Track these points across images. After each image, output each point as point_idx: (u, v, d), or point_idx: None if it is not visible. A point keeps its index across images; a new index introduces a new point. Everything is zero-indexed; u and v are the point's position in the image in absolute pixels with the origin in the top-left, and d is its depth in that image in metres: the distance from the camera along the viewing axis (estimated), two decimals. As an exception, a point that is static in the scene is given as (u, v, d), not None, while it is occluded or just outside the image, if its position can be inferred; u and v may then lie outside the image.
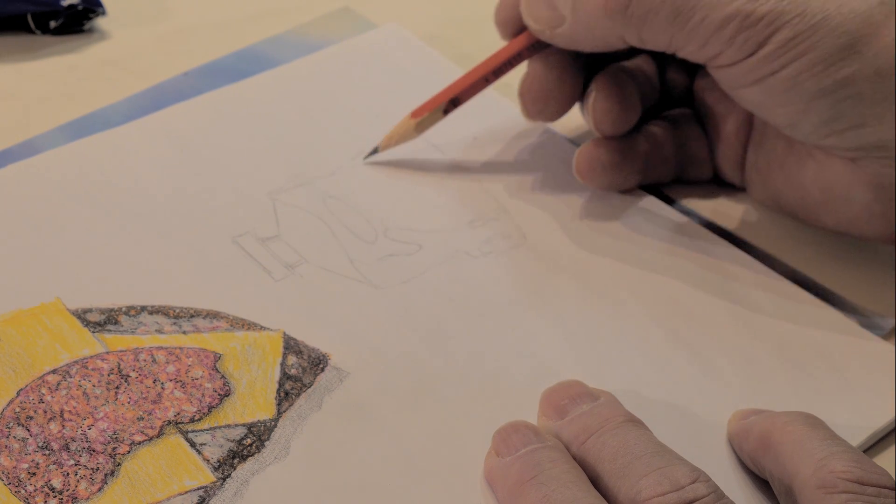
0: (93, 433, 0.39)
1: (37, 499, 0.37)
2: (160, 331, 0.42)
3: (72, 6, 0.55)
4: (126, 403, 0.40)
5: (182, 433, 0.39)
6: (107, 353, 0.41)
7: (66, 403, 0.39)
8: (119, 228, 0.46)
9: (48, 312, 0.42)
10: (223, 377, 0.41)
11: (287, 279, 0.45)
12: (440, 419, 0.41)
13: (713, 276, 0.48)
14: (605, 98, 0.49)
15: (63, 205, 0.46)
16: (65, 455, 0.38)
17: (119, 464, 0.38)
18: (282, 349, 0.42)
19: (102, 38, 0.57)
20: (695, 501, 0.35)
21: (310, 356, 0.42)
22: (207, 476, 0.38)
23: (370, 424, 0.40)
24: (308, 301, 0.44)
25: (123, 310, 0.43)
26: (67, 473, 0.38)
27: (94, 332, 0.42)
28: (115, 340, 0.42)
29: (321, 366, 0.42)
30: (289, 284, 0.45)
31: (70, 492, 0.37)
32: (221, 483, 0.38)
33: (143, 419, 0.39)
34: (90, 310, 0.43)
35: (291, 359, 0.42)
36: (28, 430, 0.38)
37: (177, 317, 0.43)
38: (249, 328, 0.43)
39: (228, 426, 0.40)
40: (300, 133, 0.52)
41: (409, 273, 0.46)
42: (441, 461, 0.40)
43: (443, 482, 0.39)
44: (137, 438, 0.39)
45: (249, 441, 0.39)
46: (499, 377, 0.43)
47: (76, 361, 0.41)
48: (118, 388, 0.40)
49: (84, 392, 0.40)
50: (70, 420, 0.39)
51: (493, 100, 0.54)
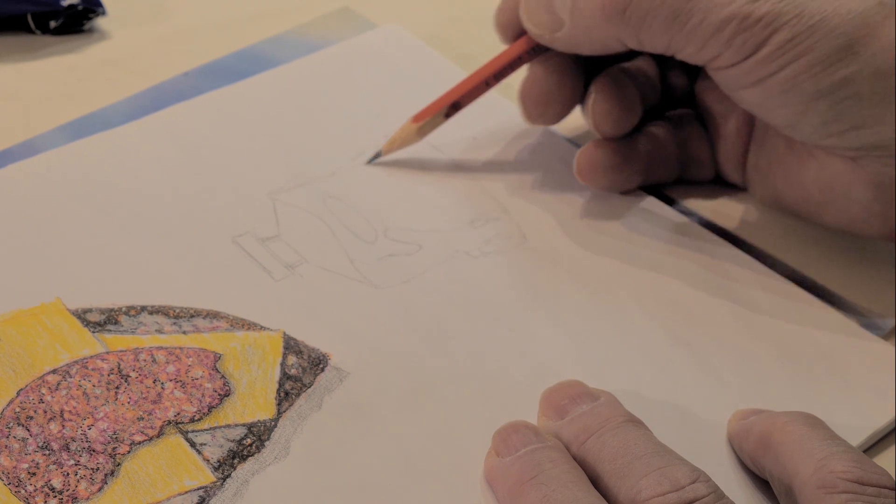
0: (93, 433, 0.39)
1: (37, 499, 0.37)
2: (160, 331, 0.42)
3: (72, 6, 0.55)
4: (126, 403, 0.40)
5: (182, 433, 0.39)
6: (107, 353, 0.41)
7: (66, 403, 0.39)
8: (119, 228, 0.46)
9: (48, 312, 0.42)
10: (223, 377, 0.41)
11: (287, 279, 0.45)
12: (440, 419, 0.41)
13: (713, 277, 0.48)
14: (605, 99, 0.49)
15: (63, 205, 0.46)
16: (65, 455, 0.38)
17: (119, 464, 0.38)
18: (282, 349, 0.42)
19: (102, 38, 0.57)
20: (695, 501, 0.35)
21: (310, 356, 0.42)
22: (207, 476, 0.38)
23: (370, 424, 0.40)
24: (308, 301, 0.44)
25: (123, 310, 0.43)
26: (67, 473, 0.38)
27: (94, 332, 0.42)
28: (115, 340, 0.42)
29: (321, 366, 0.42)
30: (289, 284, 0.45)
31: (70, 492, 0.37)
32: (221, 483, 0.38)
33: (143, 419, 0.39)
34: (90, 310, 0.43)
35: (291, 359, 0.42)
36: (28, 430, 0.38)
37: (177, 317, 0.43)
38: (249, 328, 0.43)
39: (228, 426, 0.40)
40: (300, 133, 0.52)
41: (409, 273, 0.46)
42: (441, 461, 0.40)
43: (443, 482, 0.39)
44: (137, 438, 0.39)
45: (249, 441, 0.39)
46: (499, 377, 0.43)
47: (76, 361, 0.41)
48: (118, 388, 0.40)
49: (84, 392, 0.40)
50: (70, 420, 0.39)
51: (494, 100, 0.54)
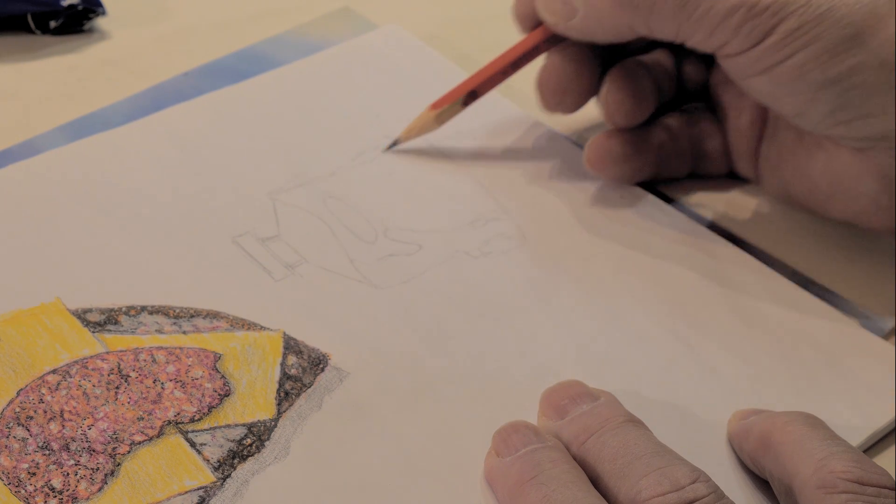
0: (93, 433, 0.39)
1: (37, 499, 0.37)
2: (160, 331, 0.42)
3: (72, 6, 0.55)
4: (126, 403, 0.40)
5: (182, 433, 0.39)
6: (107, 353, 0.41)
7: (66, 403, 0.39)
8: (119, 228, 0.46)
9: (48, 312, 0.42)
10: (223, 377, 0.41)
11: (287, 279, 0.45)
12: (440, 419, 0.41)
13: (713, 276, 0.48)
14: (619, 90, 0.50)
15: (63, 205, 0.46)
16: (65, 455, 0.38)
17: (119, 464, 0.38)
18: (282, 349, 0.42)
19: (102, 38, 0.57)
20: (695, 501, 0.35)
21: (310, 356, 0.42)
22: (207, 476, 0.38)
23: (370, 424, 0.40)
24: (308, 301, 0.44)
25: (123, 310, 0.43)
26: (67, 473, 0.38)
27: (94, 332, 0.42)
28: (115, 340, 0.42)
29: (321, 366, 0.42)
30: (289, 284, 0.45)
31: (70, 492, 0.37)
32: (221, 483, 0.38)
33: (143, 419, 0.39)
34: (90, 310, 0.43)
35: (291, 359, 0.42)
36: (28, 430, 0.38)
37: (177, 317, 0.43)
38: (249, 328, 0.43)
39: (228, 426, 0.40)
40: (300, 133, 0.52)
41: (409, 273, 0.46)
42: (441, 461, 0.40)
43: (443, 482, 0.39)
44: (137, 438, 0.39)
45: (249, 441, 0.39)
46: (499, 377, 0.43)
47: (76, 361, 0.41)
48: (118, 388, 0.40)
49: (84, 392, 0.40)
50: (70, 420, 0.39)
51: (494, 100, 0.54)
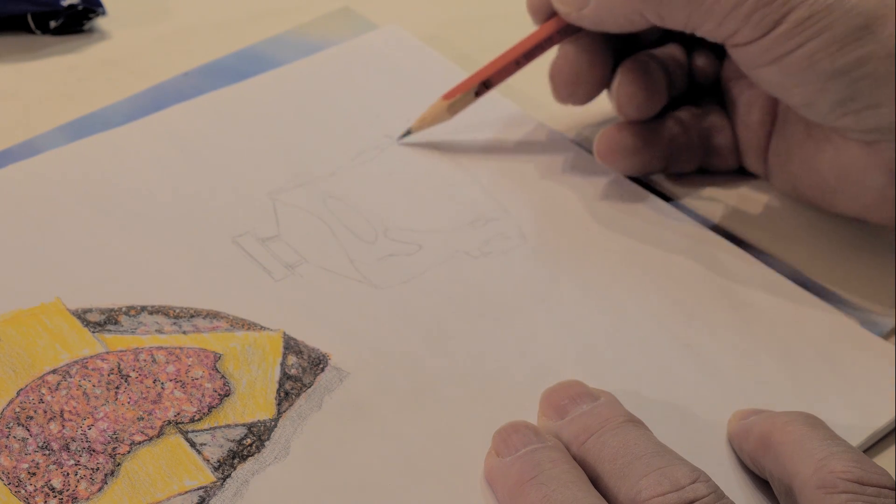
0: (93, 433, 0.39)
1: (37, 499, 0.37)
2: (160, 331, 0.42)
3: (72, 6, 0.55)
4: (126, 403, 0.40)
5: (182, 433, 0.39)
6: (107, 353, 0.41)
7: (66, 403, 0.39)
8: (119, 228, 0.46)
9: (48, 312, 0.42)
10: (223, 377, 0.41)
11: (287, 279, 0.45)
12: (440, 419, 0.41)
13: (713, 276, 0.48)
14: (631, 82, 0.50)
15: (63, 205, 0.46)
16: (65, 455, 0.38)
17: (119, 464, 0.38)
18: (282, 349, 0.42)
19: (102, 38, 0.57)
20: (695, 501, 0.35)
21: (310, 356, 0.42)
22: (207, 476, 0.38)
23: (370, 424, 0.40)
24: (308, 301, 0.44)
25: (123, 310, 0.43)
26: (67, 473, 0.38)
27: (94, 332, 0.42)
28: (115, 340, 0.42)
29: (321, 366, 0.42)
30: (289, 284, 0.45)
31: (70, 492, 0.37)
32: (221, 483, 0.38)
33: (143, 419, 0.39)
34: (90, 310, 0.43)
35: (291, 359, 0.42)
36: (28, 430, 0.38)
37: (177, 317, 0.43)
38: (249, 328, 0.43)
39: (228, 426, 0.40)
40: (300, 133, 0.52)
41: (409, 273, 0.46)
42: (441, 461, 0.40)
43: (443, 482, 0.39)
44: (137, 438, 0.39)
45: (249, 441, 0.39)
46: (499, 377, 0.43)
47: (76, 361, 0.41)
48: (118, 388, 0.40)
49: (84, 392, 0.40)
50: (70, 420, 0.39)
51: (495, 100, 0.54)
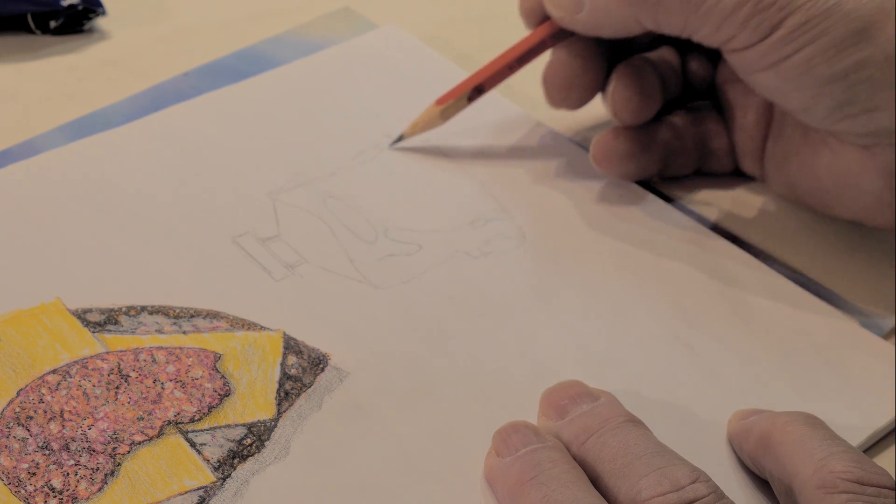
0: (93, 433, 0.39)
1: (37, 499, 0.37)
2: (160, 331, 0.42)
3: (72, 6, 0.55)
4: (126, 403, 0.40)
5: (182, 433, 0.39)
6: (107, 353, 0.41)
7: (66, 403, 0.39)
8: (119, 228, 0.46)
9: (48, 312, 0.42)
10: (223, 377, 0.41)
11: (287, 279, 0.45)
12: (440, 419, 0.41)
13: (713, 276, 0.48)
14: (625, 87, 0.49)
15: (63, 205, 0.46)
16: (65, 455, 0.38)
17: (119, 464, 0.38)
18: (282, 349, 0.42)
19: (102, 38, 0.57)
20: (695, 501, 0.35)
21: (310, 356, 0.42)
22: (207, 476, 0.38)
23: (370, 424, 0.40)
24: (308, 301, 0.44)
25: (123, 310, 0.43)
26: (67, 473, 0.38)
27: (94, 332, 0.42)
28: (115, 340, 0.42)
29: (321, 366, 0.42)
30: (289, 284, 0.45)
31: (70, 492, 0.37)
32: (221, 483, 0.38)
33: (143, 419, 0.39)
34: (90, 310, 0.43)
35: (291, 359, 0.42)
36: (28, 430, 0.38)
37: (177, 317, 0.43)
38: (249, 328, 0.43)
39: (228, 426, 0.40)
40: (300, 133, 0.52)
41: (409, 273, 0.46)
42: (441, 461, 0.40)
43: (443, 482, 0.39)
44: (137, 438, 0.39)
45: (249, 441, 0.39)
46: (499, 377, 0.43)
47: (76, 361, 0.41)
48: (118, 388, 0.40)
49: (84, 392, 0.40)
50: (70, 420, 0.39)
51: (494, 100, 0.54)
